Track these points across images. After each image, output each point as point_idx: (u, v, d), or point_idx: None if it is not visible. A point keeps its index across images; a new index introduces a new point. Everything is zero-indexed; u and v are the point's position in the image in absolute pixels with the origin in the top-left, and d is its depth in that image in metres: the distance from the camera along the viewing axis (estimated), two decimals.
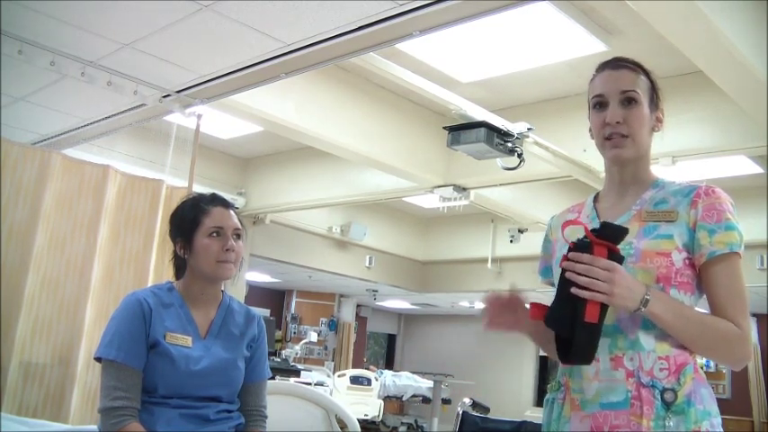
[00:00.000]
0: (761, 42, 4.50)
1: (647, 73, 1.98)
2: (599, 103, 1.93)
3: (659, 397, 1.70)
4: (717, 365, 14.66)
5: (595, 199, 2.04)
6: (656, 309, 1.68)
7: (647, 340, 1.75)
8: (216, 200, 2.55)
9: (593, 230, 1.69)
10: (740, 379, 14.27)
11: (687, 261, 1.80)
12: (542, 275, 2.12)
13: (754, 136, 5.68)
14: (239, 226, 2.53)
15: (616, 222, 1.80)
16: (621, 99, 1.90)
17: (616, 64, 1.96)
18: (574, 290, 1.63)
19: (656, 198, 1.89)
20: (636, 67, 1.96)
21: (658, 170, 6.61)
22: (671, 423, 1.67)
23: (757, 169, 7.70)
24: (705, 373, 1.79)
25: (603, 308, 1.65)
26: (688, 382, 1.73)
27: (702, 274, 1.80)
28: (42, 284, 4.02)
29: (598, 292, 1.62)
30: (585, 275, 1.63)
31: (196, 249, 2.46)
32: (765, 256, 9.29)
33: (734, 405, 14.24)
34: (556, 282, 1.87)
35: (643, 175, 1.95)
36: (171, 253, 2.59)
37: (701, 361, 1.87)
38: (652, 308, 1.67)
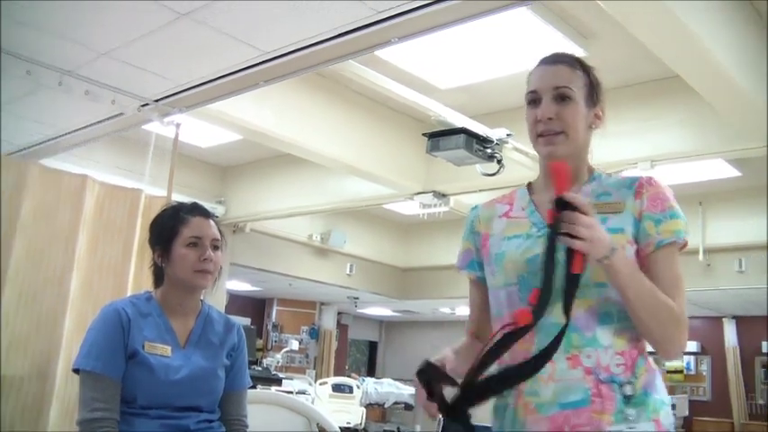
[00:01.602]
0: (736, 46, 4.55)
1: (586, 69, 1.91)
2: (533, 100, 1.88)
3: (618, 391, 1.69)
4: (697, 368, 14.78)
5: (531, 191, 1.98)
6: (617, 263, 1.64)
7: (604, 336, 1.72)
8: (195, 209, 2.54)
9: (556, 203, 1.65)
10: (720, 381, 14.38)
11: (637, 253, 1.77)
12: (468, 268, 2.03)
13: (732, 139, 5.73)
14: (218, 236, 2.52)
15: None
16: (555, 95, 1.84)
17: (553, 59, 1.91)
18: (565, 240, 1.60)
19: (597, 191, 1.86)
20: (574, 62, 1.90)
21: (636, 174, 6.65)
22: (631, 415, 1.67)
23: (735, 172, 7.77)
24: (685, 375, 1.80)
25: (585, 260, 1.63)
26: (643, 373, 1.72)
27: (647, 263, 1.76)
28: (20, 296, 3.98)
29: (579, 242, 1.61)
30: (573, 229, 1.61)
31: (173, 258, 2.45)
32: (743, 259, 9.37)
33: (714, 407, 14.36)
34: (490, 275, 1.89)
35: (581, 170, 1.91)
36: (150, 261, 2.58)
37: (679, 363, 1.89)
38: (615, 260, 1.64)
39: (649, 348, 1.78)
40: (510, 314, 1.77)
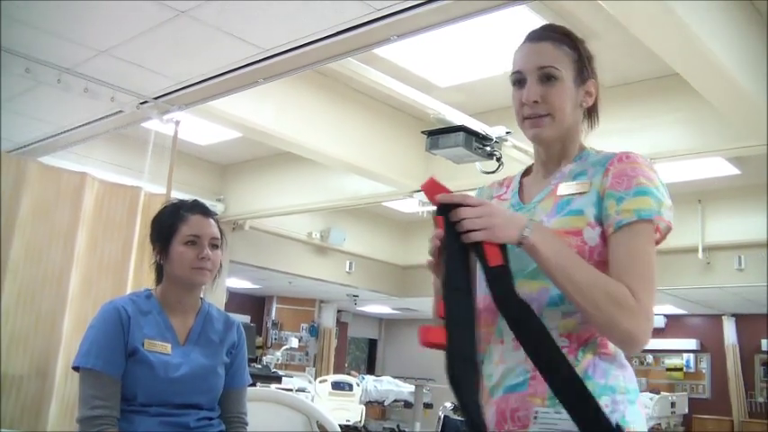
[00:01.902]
0: (737, 45, 4.54)
1: (575, 43, 1.78)
2: (517, 81, 1.76)
3: None
4: (697, 365, 14.78)
5: (526, 172, 1.91)
6: (536, 238, 1.51)
7: (551, 317, 1.59)
8: (196, 207, 2.53)
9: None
10: (720, 379, 14.39)
11: (604, 237, 1.62)
12: None
13: (731, 138, 5.73)
14: (217, 235, 2.52)
15: (534, 200, 1.74)
16: (540, 75, 1.72)
17: (537, 35, 1.78)
18: (464, 237, 1.49)
19: (575, 171, 1.74)
20: (561, 37, 1.77)
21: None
22: None
23: (734, 170, 7.77)
24: (685, 373, 1.71)
25: (502, 247, 1.52)
26: (588, 356, 1.59)
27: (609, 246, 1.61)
28: (19, 295, 3.98)
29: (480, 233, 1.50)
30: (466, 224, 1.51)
31: (172, 256, 2.45)
32: (743, 257, 9.37)
33: (714, 405, 14.36)
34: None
35: (570, 151, 1.79)
36: (152, 258, 2.58)
37: (679, 361, 1.80)
38: (533, 237, 1.51)
39: None
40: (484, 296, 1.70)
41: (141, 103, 4.82)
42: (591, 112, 1.85)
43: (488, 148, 5.91)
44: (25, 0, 3.69)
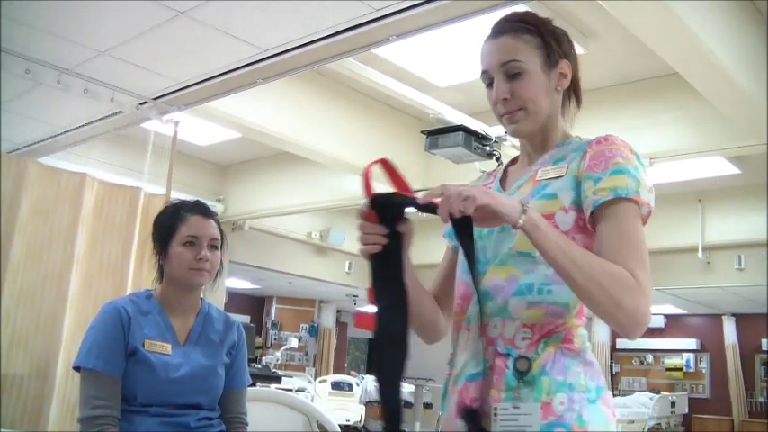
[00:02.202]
0: (737, 45, 4.55)
1: (536, 28, 1.70)
2: (487, 80, 1.72)
3: (512, 366, 1.53)
4: (697, 365, 14.78)
5: (513, 162, 1.87)
6: (536, 218, 1.45)
7: (516, 307, 1.56)
8: (196, 208, 2.53)
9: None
10: (720, 378, 14.39)
11: (580, 223, 1.58)
12: (447, 237, 1.96)
13: (731, 137, 5.73)
14: (216, 236, 2.52)
15: (514, 185, 1.72)
16: (504, 72, 1.67)
17: (496, 30, 1.72)
18: (464, 207, 1.40)
19: (555, 156, 1.69)
20: (519, 25, 1.70)
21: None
22: (520, 393, 1.50)
23: (734, 170, 7.76)
24: (685, 373, 1.68)
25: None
26: (549, 350, 1.53)
27: (593, 229, 1.56)
28: (19, 295, 3.98)
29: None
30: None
31: (170, 256, 2.46)
32: (743, 257, 9.37)
33: (714, 404, 14.37)
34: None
35: (552, 138, 1.74)
36: (152, 258, 2.58)
37: (679, 361, 1.77)
38: (533, 216, 1.44)
39: (581, 329, 1.60)
40: (460, 283, 1.73)
41: (141, 104, 4.82)
42: (573, 92, 1.78)
43: (488, 148, 5.91)
44: (25, 0, 3.69)
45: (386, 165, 1.60)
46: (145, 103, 4.81)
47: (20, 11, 3.81)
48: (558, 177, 1.62)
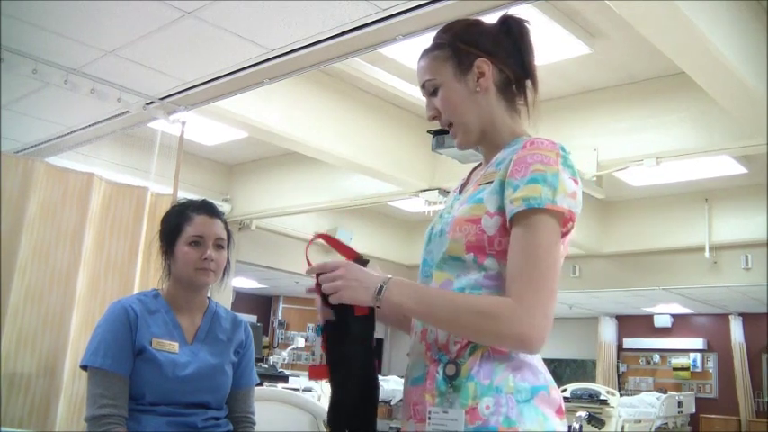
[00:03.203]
0: (743, 44, 4.54)
1: (442, 37, 1.75)
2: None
3: (441, 371, 1.55)
4: (704, 365, 14.76)
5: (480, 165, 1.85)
6: (393, 297, 1.53)
7: None
8: (202, 207, 2.53)
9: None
10: (727, 378, 14.35)
11: (507, 226, 1.56)
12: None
13: (737, 136, 5.72)
14: (222, 235, 2.52)
15: (466, 189, 1.74)
16: (428, 92, 1.74)
17: (420, 56, 1.77)
18: (330, 299, 1.62)
19: (499, 159, 1.67)
20: (433, 47, 1.75)
21: (642, 171, 6.61)
22: (450, 399, 1.53)
23: (741, 169, 7.75)
24: (692, 372, 1.68)
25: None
26: (476, 354, 1.54)
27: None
28: (27, 294, 3.99)
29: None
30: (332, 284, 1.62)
31: (176, 256, 2.46)
32: (750, 256, 9.35)
33: (721, 404, 14.33)
34: None
35: (498, 139, 1.72)
36: (159, 257, 2.59)
37: (686, 360, 1.78)
38: (390, 296, 1.53)
39: None
40: None
41: (148, 104, 4.84)
42: (506, 88, 1.75)
43: None
44: (32, 1, 3.71)
45: (326, 238, 1.80)
46: (152, 102, 4.82)
47: (27, 11, 3.82)
48: (490, 182, 1.62)
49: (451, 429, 1.49)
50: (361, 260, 1.66)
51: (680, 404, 13.01)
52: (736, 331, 14.31)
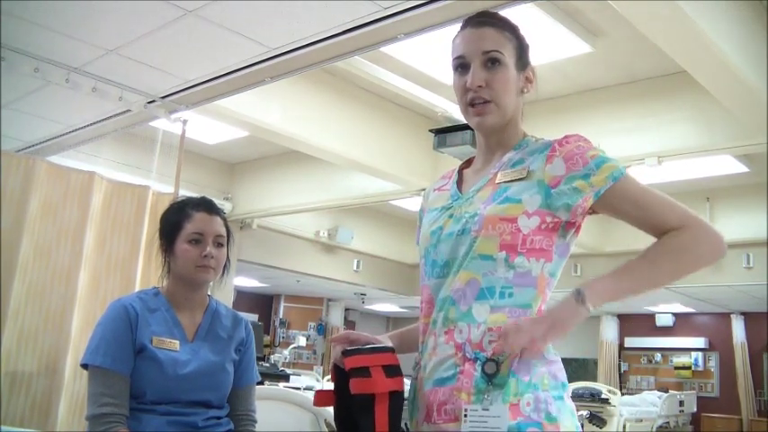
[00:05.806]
0: (745, 43, 4.53)
1: (514, 30, 1.77)
2: (460, 65, 1.75)
3: (480, 369, 1.56)
4: (705, 364, 14.75)
5: (467, 164, 1.90)
6: (596, 302, 1.58)
7: (479, 312, 1.61)
8: (201, 205, 2.53)
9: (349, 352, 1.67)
10: (728, 377, 14.35)
11: (543, 226, 1.63)
12: (418, 244, 1.92)
13: (739, 135, 5.71)
14: (222, 233, 2.51)
15: (471, 189, 1.74)
16: (484, 60, 1.71)
17: (478, 21, 1.77)
18: (506, 348, 1.55)
19: (513, 159, 1.72)
20: (502, 23, 1.77)
21: (643, 170, 6.60)
22: (489, 395, 1.53)
23: (742, 168, 7.74)
24: (693, 372, 1.71)
25: (390, 415, 1.62)
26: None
27: (606, 212, 1.66)
28: (28, 293, 3.99)
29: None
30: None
31: (176, 253, 2.46)
32: (751, 255, 9.34)
33: (722, 403, 14.32)
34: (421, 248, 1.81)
35: (510, 139, 1.77)
36: (159, 254, 2.59)
37: (687, 360, 1.79)
38: (595, 303, 1.58)
39: None
40: (423, 286, 1.77)
41: (149, 103, 4.84)
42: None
43: None
44: (34, 0, 3.71)
45: (350, 362, 1.68)
46: (153, 101, 4.83)
47: (28, 10, 3.82)
48: (518, 180, 1.66)
49: (493, 426, 1.51)
50: (388, 351, 1.69)
51: (681, 403, 13.00)
52: (738, 330, 14.30)
